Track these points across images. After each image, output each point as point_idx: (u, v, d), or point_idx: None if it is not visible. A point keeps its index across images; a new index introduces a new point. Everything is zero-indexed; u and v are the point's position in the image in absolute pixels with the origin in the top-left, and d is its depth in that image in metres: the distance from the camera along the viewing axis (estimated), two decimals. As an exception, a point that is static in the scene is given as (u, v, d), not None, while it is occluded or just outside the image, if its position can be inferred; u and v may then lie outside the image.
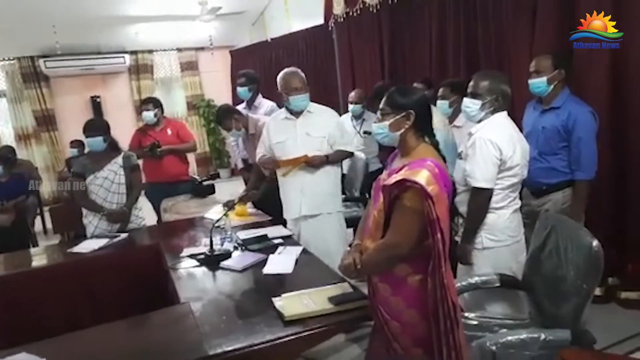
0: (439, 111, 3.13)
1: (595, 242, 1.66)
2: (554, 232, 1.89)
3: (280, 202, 3.04)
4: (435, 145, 1.67)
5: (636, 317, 2.72)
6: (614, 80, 2.75)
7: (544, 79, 2.51)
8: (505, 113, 2.25)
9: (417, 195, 1.50)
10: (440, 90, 3.19)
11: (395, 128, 1.65)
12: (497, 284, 2.08)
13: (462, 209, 2.28)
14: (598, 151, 2.59)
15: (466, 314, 2.08)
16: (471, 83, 2.29)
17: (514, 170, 2.15)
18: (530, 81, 2.57)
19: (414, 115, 1.62)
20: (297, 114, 2.86)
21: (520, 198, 2.31)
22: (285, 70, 2.92)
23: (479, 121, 2.25)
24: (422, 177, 1.50)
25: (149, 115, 4.13)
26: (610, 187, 2.85)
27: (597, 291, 2.79)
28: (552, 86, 2.52)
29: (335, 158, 2.88)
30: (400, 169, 1.59)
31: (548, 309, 1.86)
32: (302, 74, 2.88)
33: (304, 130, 2.84)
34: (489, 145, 2.11)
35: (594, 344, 1.76)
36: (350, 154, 3.00)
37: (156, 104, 4.19)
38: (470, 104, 2.25)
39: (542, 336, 1.68)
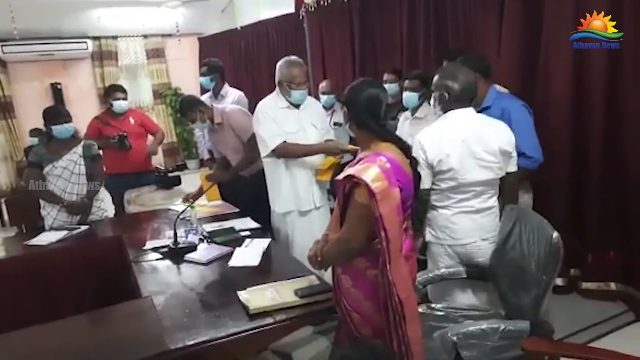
0: (409, 101, 3.14)
1: (555, 234, 1.67)
2: (518, 223, 1.90)
3: (250, 195, 3.01)
4: (393, 140, 1.65)
5: (596, 307, 2.80)
6: (575, 78, 2.81)
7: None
8: (460, 111, 2.06)
9: (366, 192, 1.49)
10: (407, 82, 3.17)
11: (345, 121, 1.75)
12: (464, 275, 2.09)
13: None
14: (561, 146, 2.66)
15: (433, 305, 2.09)
16: None
17: (448, 174, 2.04)
18: None
19: (347, 112, 1.69)
20: (296, 105, 2.82)
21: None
22: (289, 59, 2.78)
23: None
24: (370, 173, 1.49)
25: (124, 104, 4.00)
26: (570, 179, 2.92)
27: (559, 282, 2.88)
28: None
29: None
30: (357, 163, 1.60)
31: (511, 300, 1.89)
32: (305, 66, 2.80)
33: (309, 121, 2.83)
34: (417, 146, 2.06)
35: (552, 334, 1.80)
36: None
37: (126, 91, 4.07)
38: (431, 100, 2.22)
39: (502, 327, 1.70)
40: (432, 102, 2.19)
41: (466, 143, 2.03)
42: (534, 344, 1.62)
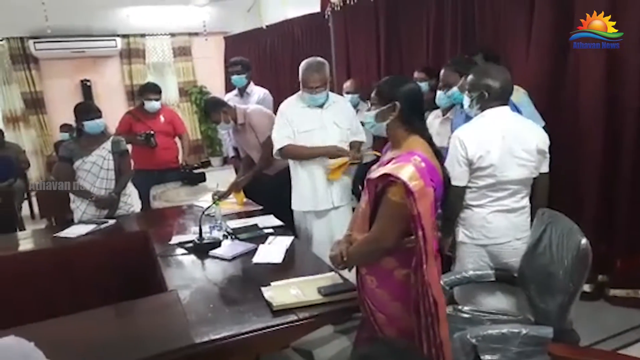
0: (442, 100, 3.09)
1: (584, 240, 1.64)
2: (550, 228, 1.87)
3: (274, 193, 3.02)
4: (428, 138, 1.65)
5: (624, 314, 2.74)
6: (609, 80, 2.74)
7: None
8: (497, 109, 2.06)
9: (402, 190, 1.49)
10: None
11: (381, 118, 1.67)
12: (492, 279, 2.07)
13: None
14: (590, 149, 2.63)
15: (459, 307, 2.07)
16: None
17: (487, 170, 2.03)
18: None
19: (399, 106, 1.62)
20: (320, 105, 2.82)
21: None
22: (309, 62, 2.78)
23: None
24: (406, 172, 1.48)
25: (157, 105, 4.08)
26: (600, 184, 2.85)
27: (587, 288, 2.82)
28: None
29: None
30: (389, 162, 1.59)
31: (539, 305, 1.85)
32: (327, 69, 2.79)
33: (332, 120, 2.81)
34: (457, 143, 2.05)
35: (577, 343, 1.76)
36: (360, 144, 2.96)
37: (160, 92, 4.14)
38: (465, 100, 2.19)
39: (523, 331, 1.68)
40: (465, 102, 2.16)
41: (506, 140, 2.02)
42: (561, 350, 1.59)
